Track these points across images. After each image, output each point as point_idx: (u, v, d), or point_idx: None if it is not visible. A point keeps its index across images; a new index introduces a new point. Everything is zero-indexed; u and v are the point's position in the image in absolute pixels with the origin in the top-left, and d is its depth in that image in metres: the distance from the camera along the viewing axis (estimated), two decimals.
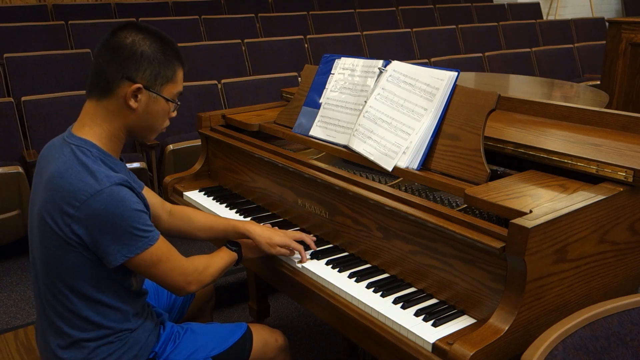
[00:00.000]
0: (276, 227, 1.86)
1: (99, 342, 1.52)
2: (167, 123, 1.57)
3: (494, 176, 1.63)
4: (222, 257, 1.71)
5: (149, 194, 1.73)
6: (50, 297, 1.49)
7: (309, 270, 1.72)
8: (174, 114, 1.57)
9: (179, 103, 1.56)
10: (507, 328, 1.30)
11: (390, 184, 1.83)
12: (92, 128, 1.47)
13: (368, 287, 1.61)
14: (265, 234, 1.77)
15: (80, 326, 1.50)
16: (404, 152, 1.73)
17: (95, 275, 1.46)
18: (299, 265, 1.76)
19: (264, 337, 1.77)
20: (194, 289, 1.60)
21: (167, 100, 1.51)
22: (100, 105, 1.47)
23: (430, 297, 1.57)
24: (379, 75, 1.91)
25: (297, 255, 1.79)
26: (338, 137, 1.95)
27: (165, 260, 1.50)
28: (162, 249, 1.48)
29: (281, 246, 1.76)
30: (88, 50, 4.52)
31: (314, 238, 1.84)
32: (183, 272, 1.55)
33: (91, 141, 1.46)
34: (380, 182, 1.84)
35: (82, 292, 1.47)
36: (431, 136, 1.71)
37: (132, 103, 1.46)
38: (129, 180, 1.44)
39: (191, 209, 1.93)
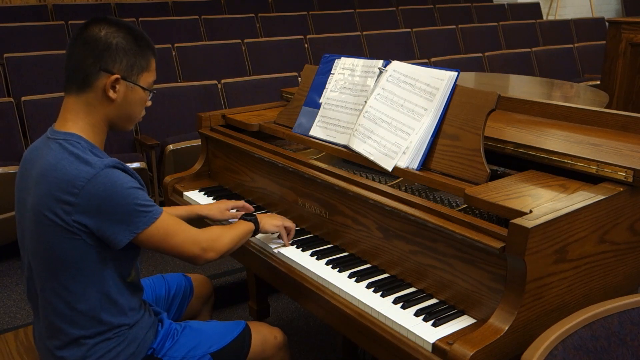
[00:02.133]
0: None
1: (97, 339, 1.52)
2: (143, 112, 1.62)
3: (494, 176, 1.63)
4: (237, 227, 1.74)
5: None
6: (49, 294, 1.50)
7: (309, 270, 1.72)
8: (149, 103, 1.61)
9: (154, 91, 1.60)
10: (507, 328, 1.30)
11: (390, 184, 1.83)
12: (75, 122, 1.50)
13: (368, 287, 1.62)
14: (215, 206, 1.97)
15: (79, 323, 1.50)
16: (404, 152, 1.73)
17: (96, 263, 1.47)
18: (300, 263, 1.76)
19: (262, 334, 1.78)
20: (212, 256, 1.62)
21: (144, 89, 1.55)
22: (80, 100, 1.50)
23: (430, 297, 1.57)
24: (379, 75, 1.91)
25: (297, 251, 1.80)
26: (338, 137, 1.95)
27: (174, 232, 1.53)
28: (168, 222, 1.52)
29: (230, 209, 1.95)
30: None
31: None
32: (196, 240, 1.57)
33: (77, 134, 1.49)
34: (380, 182, 1.84)
35: (83, 282, 1.47)
36: (431, 136, 1.71)
37: (111, 94, 1.49)
38: (122, 163, 1.47)
39: None
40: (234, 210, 1.98)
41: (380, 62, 1.93)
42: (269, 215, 1.88)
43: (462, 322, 1.45)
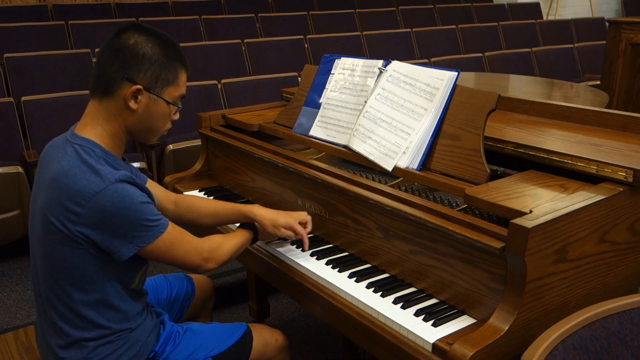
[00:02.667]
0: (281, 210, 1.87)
1: (99, 341, 1.52)
2: (168, 125, 1.58)
3: (494, 176, 1.63)
4: (237, 236, 1.75)
5: (152, 186, 1.76)
6: (51, 296, 1.50)
7: (309, 270, 1.72)
8: (176, 117, 1.58)
9: (180, 106, 1.56)
10: (507, 328, 1.30)
11: (390, 184, 1.83)
12: (94, 128, 1.48)
13: (368, 287, 1.61)
14: (270, 215, 1.79)
15: (80, 326, 1.50)
16: (404, 152, 1.73)
17: (99, 272, 1.46)
18: (300, 262, 1.76)
19: (264, 336, 1.78)
20: (212, 266, 1.63)
21: (167, 102, 1.52)
22: (101, 106, 1.48)
23: (430, 297, 1.57)
24: (379, 75, 1.91)
25: (297, 251, 1.80)
26: (338, 137, 1.95)
27: (179, 244, 1.53)
28: (173, 234, 1.52)
29: (285, 227, 1.78)
30: (88, 50, 4.53)
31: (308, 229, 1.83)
32: (198, 251, 1.58)
33: (94, 141, 1.47)
34: (380, 182, 1.84)
35: (84, 289, 1.47)
36: (431, 136, 1.71)
37: (132, 104, 1.47)
38: (133, 177, 1.45)
39: (195, 196, 1.97)
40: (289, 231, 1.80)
41: (380, 62, 1.93)
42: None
43: (462, 322, 1.45)
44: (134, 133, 1.53)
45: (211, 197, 2.27)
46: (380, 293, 1.58)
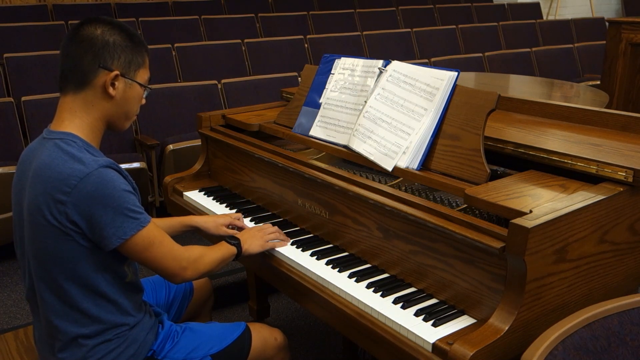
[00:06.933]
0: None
1: (97, 339, 1.52)
2: (138, 110, 1.62)
3: (494, 176, 1.63)
4: (219, 249, 1.72)
5: None
6: (47, 294, 1.49)
7: (309, 270, 1.72)
8: (144, 101, 1.61)
9: (150, 88, 1.61)
10: (507, 328, 1.30)
11: (390, 184, 1.83)
12: (72, 121, 1.50)
13: (368, 287, 1.61)
14: (210, 219, 1.94)
15: (78, 320, 1.50)
16: (404, 152, 1.73)
17: (92, 263, 1.46)
18: (300, 263, 1.76)
19: (263, 335, 1.78)
20: (189, 276, 1.60)
21: (141, 85, 1.56)
22: (77, 98, 1.50)
23: (430, 297, 1.57)
24: (379, 75, 1.91)
25: (297, 251, 1.80)
26: (338, 137, 1.95)
27: (158, 245, 1.51)
28: (154, 233, 1.50)
29: (226, 225, 1.92)
30: None
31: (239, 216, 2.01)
32: (177, 257, 1.56)
33: (73, 133, 1.48)
34: (380, 182, 1.84)
35: (80, 282, 1.47)
36: (431, 136, 1.71)
37: (111, 91, 1.50)
38: (116, 163, 1.47)
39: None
40: (231, 228, 1.93)
41: (380, 62, 1.93)
42: (251, 235, 1.82)
43: (462, 322, 1.45)
44: (111, 120, 1.55)
45: (211, 197, 2.27)
46: (380, 293, 1.58)
